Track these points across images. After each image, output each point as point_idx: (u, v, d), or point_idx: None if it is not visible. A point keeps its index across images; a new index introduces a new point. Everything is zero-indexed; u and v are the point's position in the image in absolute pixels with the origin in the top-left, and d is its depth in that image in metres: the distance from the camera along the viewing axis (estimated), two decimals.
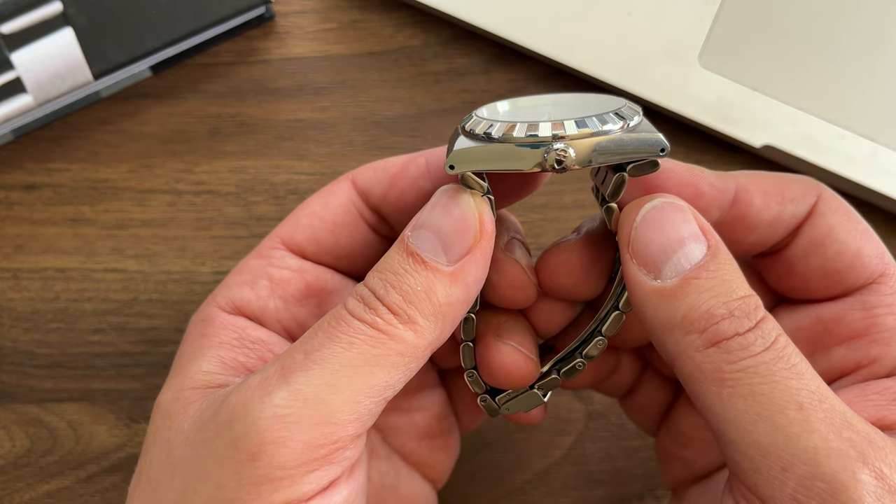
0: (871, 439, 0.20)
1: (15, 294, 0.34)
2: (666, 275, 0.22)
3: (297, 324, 0.26)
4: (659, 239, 0.22)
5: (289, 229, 0.27)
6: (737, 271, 0.22)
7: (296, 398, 0.21)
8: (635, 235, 0.22)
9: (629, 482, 0.33)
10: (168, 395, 0.24)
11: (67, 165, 0.35)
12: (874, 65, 0.34)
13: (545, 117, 0.22)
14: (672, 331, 0.21)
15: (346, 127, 0.36)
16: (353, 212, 0.27)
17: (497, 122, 0.22)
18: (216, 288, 0.27)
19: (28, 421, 0.33)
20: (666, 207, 0.22)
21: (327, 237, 0.27)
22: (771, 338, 0.21)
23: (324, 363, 0.21)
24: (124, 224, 0.34)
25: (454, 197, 0.23)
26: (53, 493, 0.32)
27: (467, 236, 0.22)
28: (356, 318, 0.22)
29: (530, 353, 0.25)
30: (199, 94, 0.36)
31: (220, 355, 0.24)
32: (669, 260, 0.22)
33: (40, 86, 0.33)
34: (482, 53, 0.36)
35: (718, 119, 0.34)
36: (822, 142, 0.34)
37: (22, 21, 0.32)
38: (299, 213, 0.27)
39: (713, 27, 0.35)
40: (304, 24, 0.37)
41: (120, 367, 0.33)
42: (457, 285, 0.22)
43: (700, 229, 0.22)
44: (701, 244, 0.22)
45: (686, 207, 0.23)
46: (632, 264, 0.22)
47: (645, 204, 0.23)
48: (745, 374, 0.20)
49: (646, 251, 0.22)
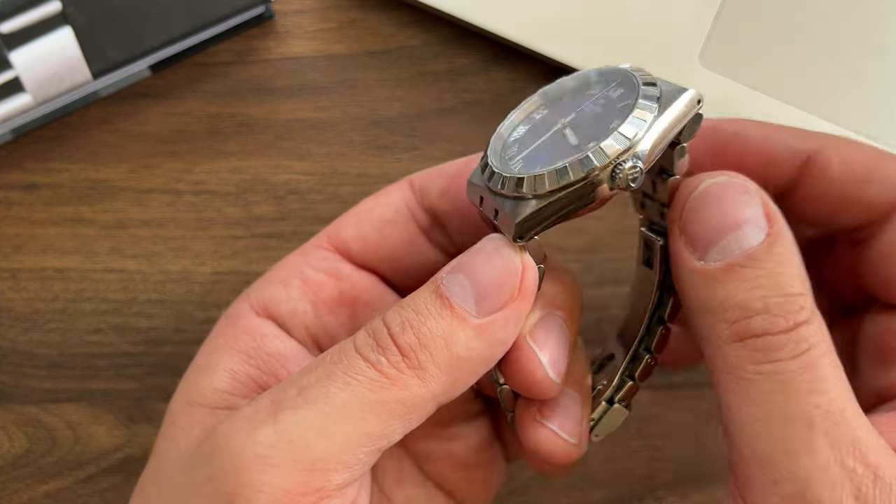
0: (880, 475, 0.18)
1: (14, 294, 0.34)
2: (712, 256, 0.20)
3: (325, 333, 0.25)
4: (714, 217, 0.20)
5: (337, 226, 0.26)
6: (795, 266, 0.20)
7: (280, 439, 0.19)
8: (689, 208, 0.21)
9: (629, 482, 0.33)
10: (176, 404, 0.23)
11: (66, 165, 0.35)
12: (875, 64, 0.34)
13: (573, 137, 0.21)
14: (706, 314, 0.20)
15: (345, 127, 0.35)
16: (404, 211, 0.25)
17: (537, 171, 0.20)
18: (256, 281, 0.26)
19: (27, 421, 0.33)
20: (729, 185, 0.21)
21: (375, 235, 0.25)
22: (805, 345, 0.19)
23: (315, 403, 0.19)
24: (123, 224, 0.34)
25: (500, 247, 0.21)
26: (52, 494, 0.32)
27: (504, 290, 0.21)
28: (360, 355, 0.20)
29: (570, 438, 0.23)
30: (199, 93, 0.36)
31: (232, 370, 0.23)
32: (720, 241, 0.20)
33: (39, 85, 0.33)
34: (482, 53, 0.36)
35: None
36: None
37: (21, 20, 0.32)
38: (351, 211, 0.26)
39: (714, 27, 0.35)
40: (303, 23, 0.36)
41: (119, 367, 0.33)
42: (480, 340, 0.20)
43: (765, 214, 0.20)
44: (760, 230, 0.20)
45: (754, 189, 0.21)
46: (679, 240, 0.21)
47: (707, 179, 0.21)
48: (764, 379, 0.19)
49: (696, 228, 0.20)
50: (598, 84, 0.23)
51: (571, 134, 0.21)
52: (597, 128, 0.21)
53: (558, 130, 0.22)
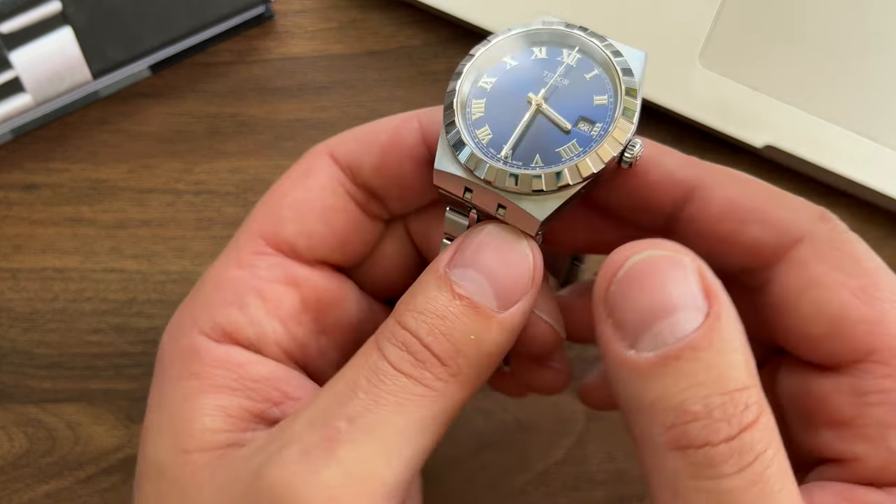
0: None
1: (14, 294, 0.34)
2: (643, 346, 0.17)
3: (296, 344, 0.23)
4: (643, 301, 0.18)
5: (270, 224, 0.23)
6: (739, 351, 0.17)
7: (348, 475, 0.18)
8: (615, 290, 0.18)
9: (629, 483, 0.33)
10: (166, 456, 0.21)
11: (67, 165, 0.35)
12: (875, 64, 0.34)
13: (560, 119, 0.21)
14: (637, 412, 0.18)
15: (345, 126, 0.35)
16: (341, 192, 0.23)
17: (555, 168, 0.20)
18: (189, 300, 0.23)
19: (27, 421, 0.33)
20: (659, 262, 0.18)
21: (319, 228, 0.23)
22: (750, 456, 0.17)
23: (372, 432, 0.18)
24: (123, 224, 0.34)
25: (509, 240, 0.20)
26: (52, 494, 0.32)
27: (521, 283, 0.20)
28: (402, 373, 0.19)
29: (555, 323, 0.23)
30: (199, 93, 0.36)
31: (221, 406, 0.21)
32: (652, 328, 0.17)
33: (39, 85, 0.33)
34: None
35: (719, 119, 0.34)
36: (824, 141, 0.33)
37: (21, 20, 0.32)
38: (277, 203, 0.23)
39: (714, 27, 0.35)
40: (303, 23, 0.36)
41: (119, 367, 0.33)
42: (505, 333, 0.20)
43: (703, 290, 0.18)
44: (697, 312, 0.17)
45: (688, 262, 0.18)
46: (605, 323, 0.18)
47: (634, 254, 0.18)
48: (704, 498, 0.17)
49: (624, 312, 0.18)
50: (544, 48, 0.22)
51: (555, 115, 0.21)
52: (579, 104, 0.21)
53: (536, 111, 0.21)
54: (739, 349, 0.17)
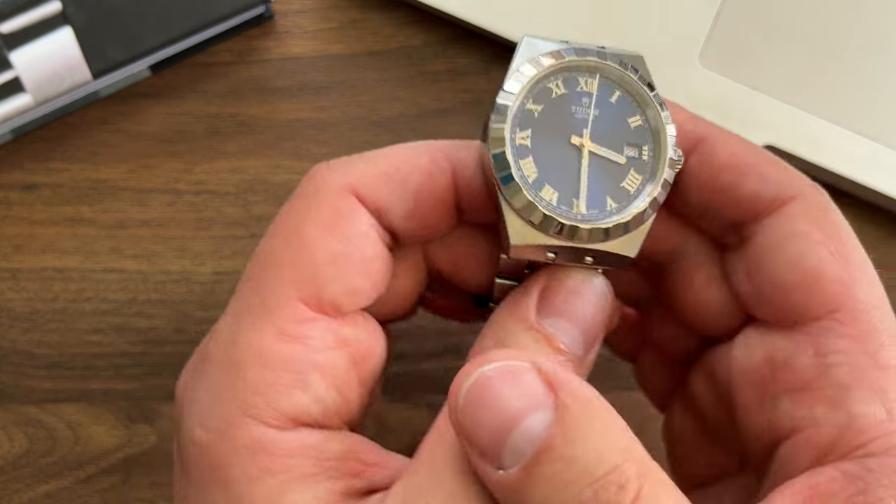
0: None
1: (13, 294, 0.34)
2: (506, 461, 0.17)
3: (348, 407, 0.22)
4: (489, 419, 0.17)
5: (309, 286, 0.21)
6: (600, 426, 0.17)
7: None
8: (461, 416, 0.18)
9: None
10: None
11: (66, 165, 0.35)
12: (875, 64, 0.34)
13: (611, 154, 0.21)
14: None
15: (345, 127, 0.35)
16: (376, 239, 0.22)
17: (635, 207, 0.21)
18: (223, 381, 0.20)
19: (26, 421, 0.33)
20: (493, 378, 0.18)
21: (364, 284, 0.21)
22: None
23: None
24: (123, 224, 0.34)
25: (597, 289, 0.21)
26: (52, 494, 0.32)
27: (603, 328, 0.21)
28: None
29: None
30: (199, 93, 0.36)
31: (315, 498, 0.19)
32: (507, 443, 0.17)
33: (39, 85, 0.33)
34: (482, 53, 0.36)
35: (719, 119, 0.34)
36: (824, 141, 0.33)
37: (21, 20, 0.32)
38: (310, 258, 0.21)
39: (713, 27, 0.35)
40: (303, 23, 0.36)
41: (119, 367, 0.33)
42: (584, 374, 0.20)
43: (546, 385, 0.17)
44: (543, 411, 0.17)
45: (520, 368, 0.18)
46: (468, 449, 0.18)
47: (469, 373, 0.18)
48: None
49: (478, 435, 0.17)
50: (559, 82, 0.22)
51: (607, 152, 0.21)
52: (618, 131, 0.21)
53: (584, 153, 0.21)
54: (600, 424, 0.17)
